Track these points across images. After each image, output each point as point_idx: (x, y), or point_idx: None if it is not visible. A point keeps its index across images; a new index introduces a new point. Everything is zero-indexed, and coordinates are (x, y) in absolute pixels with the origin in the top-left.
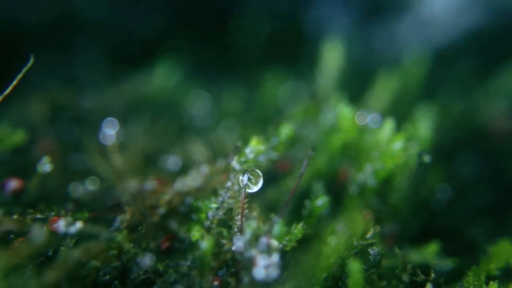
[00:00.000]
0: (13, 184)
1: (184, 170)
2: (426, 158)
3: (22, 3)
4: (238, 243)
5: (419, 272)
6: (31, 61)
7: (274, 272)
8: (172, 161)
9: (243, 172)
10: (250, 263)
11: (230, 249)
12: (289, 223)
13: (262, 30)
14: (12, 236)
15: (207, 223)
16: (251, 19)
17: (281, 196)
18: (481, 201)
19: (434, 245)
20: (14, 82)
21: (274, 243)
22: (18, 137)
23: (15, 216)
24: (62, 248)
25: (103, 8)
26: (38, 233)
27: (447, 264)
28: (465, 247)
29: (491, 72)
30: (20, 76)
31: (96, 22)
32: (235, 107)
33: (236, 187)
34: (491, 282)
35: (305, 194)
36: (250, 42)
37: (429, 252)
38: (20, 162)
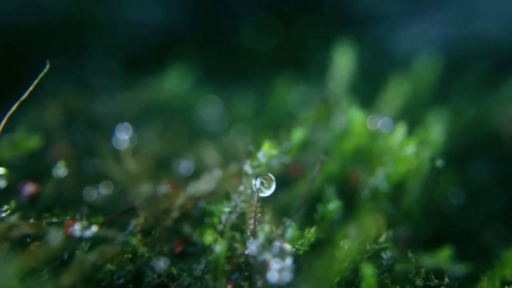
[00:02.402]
0: (29, 188)
1: (196, 174)
2: (439, 163)
3: (36, 7)
4: (252, 247)
5: (432, 276)
6: (47, 66)
7: (287, 276)
8: (184, 166)
9: (256, 176)
10: (263, 267)
11: (243, 253)
12: (302, 227)
13: (273, 34)
14: (28, 239)
15: (220, 227)
16: (262, 24)
17: (293, 200)
18: (494, 206)
19: (447, 250)
20: (30, 88)
21: (287, 247)
22: (34, 142)
23: (31, 220)
24: (77, 251)
25: (115, 13)
26: (54, 237)
27: (461, 269)
28: (478, 251)
29: (503, 77)
30: (36, 81)
31: (109, 27)
32: (246, 111)
33: (249, 191)
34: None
35: (317, 198)
36: (261, 47)
37: (442, 257)
38: (36, 166)
